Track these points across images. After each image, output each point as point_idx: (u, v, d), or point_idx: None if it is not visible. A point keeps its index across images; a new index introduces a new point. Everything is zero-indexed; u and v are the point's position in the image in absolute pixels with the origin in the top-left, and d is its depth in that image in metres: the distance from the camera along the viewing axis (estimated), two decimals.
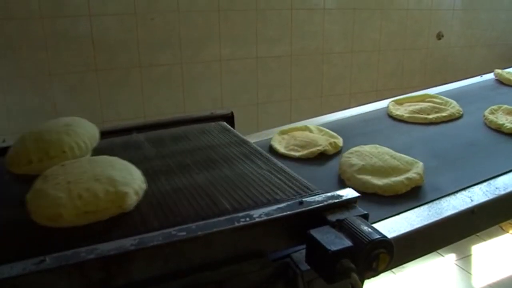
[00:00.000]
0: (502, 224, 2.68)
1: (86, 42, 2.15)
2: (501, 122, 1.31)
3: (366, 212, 0.71)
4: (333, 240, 0.63)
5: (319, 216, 0.69)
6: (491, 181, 1.00)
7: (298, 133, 1.35)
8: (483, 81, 1.81)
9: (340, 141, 1.27)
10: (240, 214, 0.68)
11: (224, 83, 2.44)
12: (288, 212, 0.68)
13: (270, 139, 1.30)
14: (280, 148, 1.27)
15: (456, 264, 2.46)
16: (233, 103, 2.47)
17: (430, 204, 0.92)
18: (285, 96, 2.61)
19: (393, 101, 1.58)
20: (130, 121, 1.24)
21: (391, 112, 1.50)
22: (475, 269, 2.43)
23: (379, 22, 2.82)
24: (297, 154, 1.22)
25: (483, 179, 1.01)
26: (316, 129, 1.37)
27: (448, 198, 0.94)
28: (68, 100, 2.17)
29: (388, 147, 1.16)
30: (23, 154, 0.85)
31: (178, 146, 1.05)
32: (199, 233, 0.63)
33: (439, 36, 3.08)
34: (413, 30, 2.98)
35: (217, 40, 2.38)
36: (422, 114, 1.46)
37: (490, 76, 1.83)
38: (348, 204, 0.72)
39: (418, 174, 1.00)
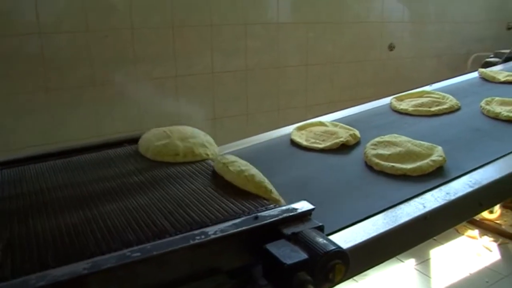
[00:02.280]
0: (458, 227, 2.76)
1: (36, 61, 2.09)
2: (498, 111, 1.49)
3: (321, 224, 0.71)
4: (288, 254, 0.64)
5: (274, 230, 0.69)
6: (442, 187, 1.03)
7: (315, 128, 1.47)
8: (469, 79, 2.05)
9: (358, 132, 1.38)
10: (196, 232, 0.67)
11: (180, 99, 2.43)
12: (244, 228, 0.68)
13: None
14: (302, 141, 1.38)
15: (416, 269, 2.51)
16: (189, 119, 2.45)
17: (385, 212, 0.94)
18: (242, 110, 2.62)
19: (394, 97, 1.74)
20: (82, 141, 1.22)
21: (395, 107, 1.67)
22: (434, 273, 2.48)
23: (332, 35, 2.88)
24: (320, 145, 1.33)
25: (495, 157, 1.17)
26: (331, 124, 1.49)
27: (402, 206, 0.96)
28: (17, 120, 2.11)
29: None
30: (171, 148, 1.08)
31: (128, 166, 1.04)
32: (154, 253, 0.62)
33: (391, 47, 3.17)
34: (366, 43, 3.05)
35: (171, 56, 2.37)
36: (424, 107, 1.62)
37: (475, 75, 2.08)
38: (303, 216, 0.73)
39: (441, 156, 1.14)
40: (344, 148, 1.32)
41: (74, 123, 2.22)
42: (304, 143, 1.37)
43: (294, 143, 1.39)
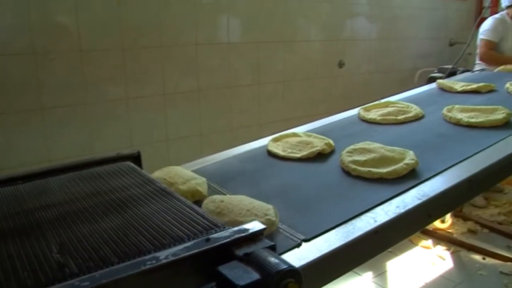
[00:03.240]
0: (412, 238, 2.81)
1: None
2: (459, 117, 1.62)
3: (273, 243, 0.71)
4: (241, 275, 0.63)
5: (227, 251, 0.69)
6: (393, 201, 1.05)
7: (290, 139, 1.53)
8: (429, 90, 2.22)
9: (332, 141, 1.45)
10: (146, 257, 0.66)
11: (132, 121, 2.40)
12: (195, 251, 0.67)
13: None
14: (279, 151, 1.43)
15: (374, 282, 2.54)
16: (143, 141, 2.42)
17: (337, 229, 0.95)
18: (195, 131, 2.61)
19: (362, 108, 1.84)
20: (31, 167, 1.18)
21: (364, 117, 1.76)
22: (391, 285, 2.52)
23: (283, 54, 2.92)
24: (297, 155, 1.39)
25: (461, 159, 1.27)
26: (305, 134, 1.56)
27: (353, 221, 0.97)
28: None
29: None
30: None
31: (81, 190, 1.01)
32: (104, 281, 0.60)
33: (341, 64, 3.24)
34: (316, 60, 3.11)
35: (122, 78, 2.35)
36: (391, 116, 1.72)
37: (433, 85, 2.26)
38: (255, 236, 0.72)
39: (413, 159, 1.22)
40: (320, 156, 1.39)
41: (22, 146, 2.16)
42: (281, 153, 1.42)
43: (271, 154, 1.44)
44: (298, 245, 0.91)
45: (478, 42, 3.29)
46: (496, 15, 3.28)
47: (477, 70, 2.80)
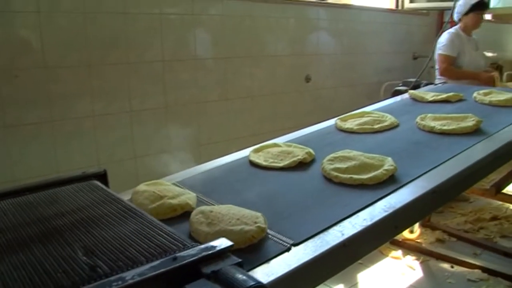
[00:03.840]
0: (382, 249, 2.84)
1: None
2: (432, 125, 1.72)
3: (240, 260, 0.71)
4: None
5: (194, 269, 0.68)
6: (359, 213, 1.07)
7: (271, 149, 1.57)
8: (402, 100, 2.33)
9: (312, 151, 1.50)
10: (112, 278, 0.65)
11: (98, 139, 2.36)
12: (162, 270, 0.66)
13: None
14: (261, 161, 1.47)
15: None
16: (110, 158, 2.39)
17: (305, 243, 0.96)
18: (163, 148, 2.59)
19: (338, 119, 1.92)
20: None
21: (341, 126, 1.84)
22: None
23: (250, 69, 2.94)
24: (279, 164, 1.43)
25: (436, 164, 1.34)
26: (285, 144, 1.60)
27: (321, 235, 0.98)
28: None
29: None
30: (168, 206, 1.14)
31: (44, 212, 0.99)
32: None
33: (307, 79, 3.28)
34: (283, 75, 3.14)
35: (89, 95, 2.31)
36: (368, 126, 1.81)
37: (405, 96, 2.38)
38: (222, 254, 0.72)
39: (392, 165, 1.29)
40: (301, 165, 1.43)
41: None
42: (264, 163, 1.46)
43: (253, 164, 1.48)
44: (288, 249, 0.94)
45: (436, 57, 3.37)
46: (451, 30, 3.36)
47: (440, 83, 2.87)
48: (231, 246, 0.74)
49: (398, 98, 2.39)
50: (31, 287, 0.68)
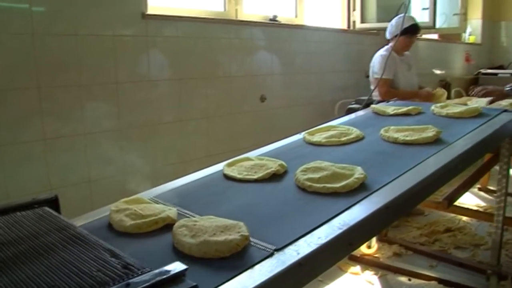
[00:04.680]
0: (341, 265, 2.86)
1: None
2: (396, 136, 1.84)
3: (195, 283, 0.70)
4: None
5: None
6: (314, 232, 1.07)
7: (244, 163, 1.63)
8: (364, 115, 2.46)
9: (284, 163, 1.57)
10: None
11: (50, 163, 2.30)
12: None
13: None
14: (235, 175, 1.52)
15: None
16: (63, 183, 2.33)
17: (261, 263, 0.96)
18: (118, 170, 2.54)
19: (306, 133, 2.01)
20: None
21: (309, 140, 1.93)
22: None
23: (205, 90, 2.93)
24: (254, 177, 1.48)
25: (402, 172, 1.44)
26: (257, 158, 1.67)
27: (277, 255, 0.98)
28: None
29: None
30: (149, 223, 1.17)
31: None
32: None
33: (262, 99, 3.30)
34: (238, 96, 3.16)
35: (39, 118, 2.25)
36: (335, 138, 1.90)
37: (368, 110, 2.50)
38: (177, 278, 0.71)
39: (362, 174, 1.38)
40: (275, 177, 1.50)
41: None
42: (238, 176, 1.51)
43: (228, 177, 1.53)
44: (271, 255, 0.99)
45: (371, 78, 3.45)
46: (383, 52, 3.45)
47: (391, 100, 2.95)
48: (185, 270, 0.73)
49: (361, 112, 2.51)
50: None
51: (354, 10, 4.39)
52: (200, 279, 0.88)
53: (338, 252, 1.09)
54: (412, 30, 3.44)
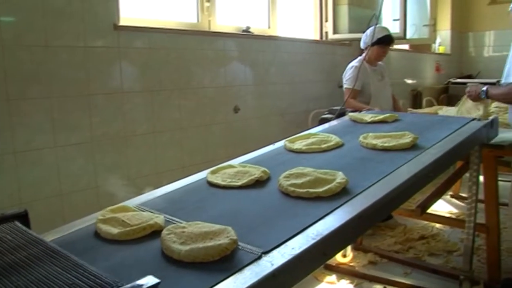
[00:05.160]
0: (317, 274, 2.86)
1: None
2: (374, 143, 1.90)
3: None
4: None
5: None
6: (288, 243, 1.07)
7: (227, 170, 1.65)
8: (342, 122, 2.51)
9: (267, 169, 1.60)
10: None
11: (21, 177, 2.25)
12: None
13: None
14: (219, 182, 1.55)
15: None
16: (34, 197, 2.28)
17: (235, 275, 0.95)
18: (90, 183, 2.51)
19: (286, 140, 2.05)
20: None
21: (290, 147, 1.97)
22: None
23: (178, 101, 2.92)
24: (238, 183, 1.51)
25: (382, 176, 1.50)
26: (240, 165, 1.69)
27: (251, 266, 0.98)
28: None
29: None
30: (137, 230, 1.19)
31: None
32: None
33: (236, 110, 3.31)
34: (211, 107, 3.15)
35: (8, 131, 2.21)
36: (315, 145, 1.95)
37: (346, 118, 2.56)
38: None
39: (344, 178, 1.43)
40: (258, 183, 1.53)
41: None
42: (222, 183, 1.54)
43: (212, 185, 1.55)
44: (259, 257, 1.02)
45: (343, 88, 3.50)
46: (355, 63, 3.50)
47: (364, 110, 2.99)
48: (158, 283, 0.72)
49: (339, 120, 2.57)
50: None
51: (326, 21, 4.44)
52: (191, 283, 0.96)
53: (313, 262, 1.09)
54: (385, 41, 3.50)
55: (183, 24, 3.09)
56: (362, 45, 3.57)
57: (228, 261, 1.01)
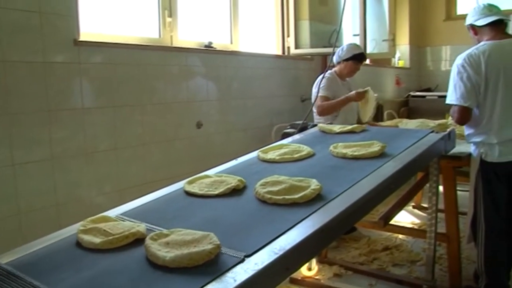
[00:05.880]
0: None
1: None
2: (344, 152, 2.00)
3: None
4: None
5: None
6: (251, 258, 1.07)
7: (204, 180, 1.71)
8: (312, 133, 2.61)
9: (243, 178, 1.65)
10: None
11: None
12: None
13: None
14: (197, 191, 1.59)
15: None
16: None
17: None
18: (50, 202, 2.44)
19: (260, 151, 2.13)
20: None
21: (263, 158, 2.05)
22: None
23: (140, 117, 2.89)
24: (215, 192, 1.56)
25: (353, 183, 1.59)
26: (215, 175, 1.76)
27: (213, 283, 0.97)
28: None
29: None
30: (120, 238, 1.22)
31: None
32: None
33: (199, 125, 3.30)
34: (174, 122, 3.13)
35: None
36: (288, 155, 2.02)
37: (315, 129, 2.68)
38: None
39: (318, 185, 1.50)
40: (235, 192, 1.58)
41: None
42: (199, 192, 1.58)
43: (189, 194, 1.60)
44: (242, 261, 1.07)
45: (312, 100, 3.54)
46: (327, 74, 3.58)
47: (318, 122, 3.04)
48: None
49: (308, 132, 2.68)
50: None
51: (288, 36, 4.49)
52: (179, 285, 1.00)
53: (275, 277, 1.10)
54: (360, 57, 3.61)
55: (145, 39, 3.07)
56: (335, 59, 3.64)
57: (212, 265, 1.06)
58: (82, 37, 2.60)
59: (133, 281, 1.04)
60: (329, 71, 3.60)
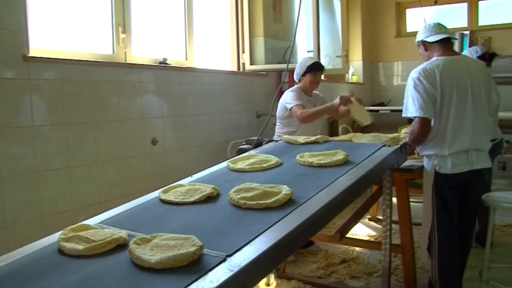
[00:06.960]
0: None
1: None
2: (311, 161, 2.10)
3: None
4: None
5: None
6: (206, 276, 1.06)
7: (178, 189, 1.77)
8: (277, 144, 2.72)
9: (216, 186, 1.73)
10: None
11: None
12: None
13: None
14: (173, 199, 1.65)
15: None
16: None
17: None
18: None
19: (229, 161, 2.20)
20: None
21: (233, 167, 2.11)
22: None
23: (93, 135, 2.83)
24: (191, 199, 1.63)
25: (321, 188, 1.71)
26: (189, 184, 1.83)
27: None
28: None
29: None
30: (103, 244, 1.25)
31: None
32: None
33: (154, 142, 3.26)
34: (128, 139, 3.08)
35: None
36: (257, 165, 2.10)
37: (281, 141, 2.75)
38: None
39: (289, 190, 1.61)
40: (209, 199, 1.65)
41: None
42: (175, 200, 1.64)
43: (166, 202, 1.65)
44: (224, 260, 1.14)
45: (282, 113, 3.55)
46: (293, 88, 3.62)
47: (279, 140, 3.04)
48: None
49: (275, 143, 2.80)
50: None
51: (243, 52, 4.53)
52: (166, 285, 1.05)
53: None
54: (315, 67, 3.63)
55: (98, 55, 3.03)
56: (295, 77, 3.67)
57: (196, 265, 1.12)
58: (32, 53, 2.54)
59: (122, 282, 1.08)
60: (295, 86, 3.65)
